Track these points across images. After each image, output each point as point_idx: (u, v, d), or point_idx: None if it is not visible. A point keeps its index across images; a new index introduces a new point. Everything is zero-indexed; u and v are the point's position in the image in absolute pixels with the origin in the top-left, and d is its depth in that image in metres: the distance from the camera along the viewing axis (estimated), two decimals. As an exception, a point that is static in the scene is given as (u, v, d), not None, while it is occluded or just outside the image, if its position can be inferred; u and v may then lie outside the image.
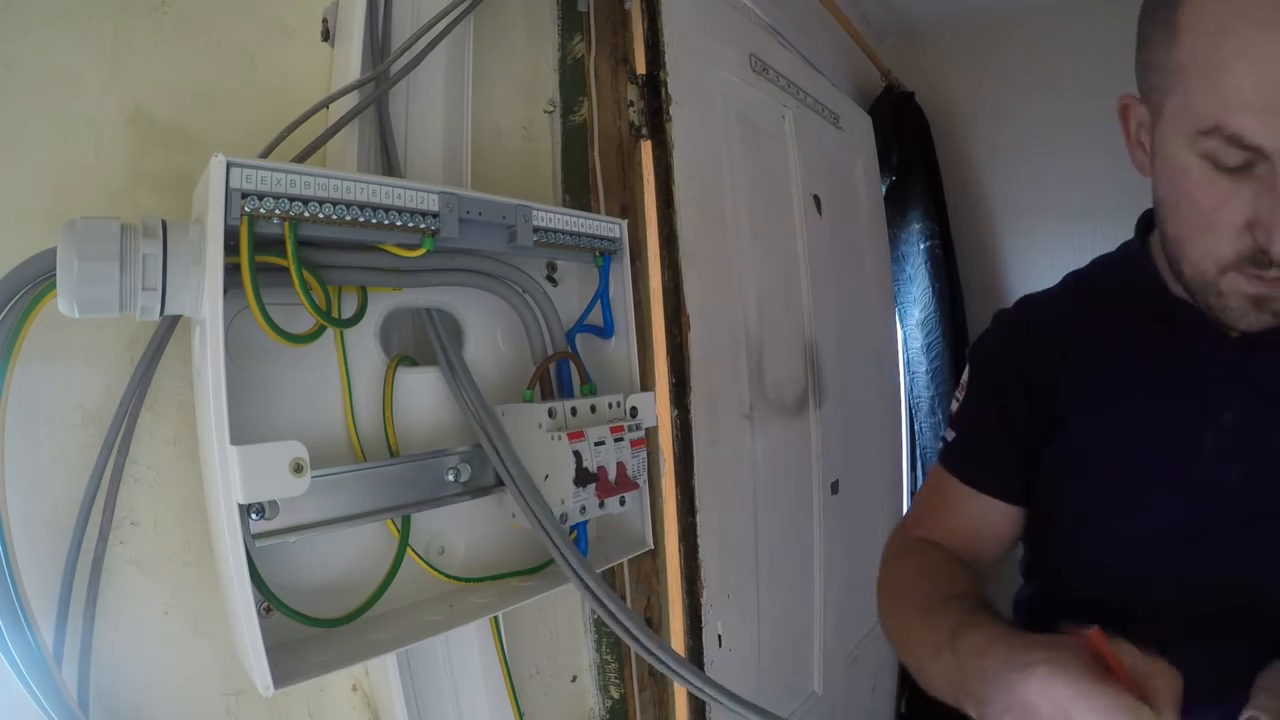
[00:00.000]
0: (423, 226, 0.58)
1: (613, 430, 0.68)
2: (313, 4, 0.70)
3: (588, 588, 0.61)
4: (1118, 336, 0.61)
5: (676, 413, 0.86)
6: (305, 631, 0.56)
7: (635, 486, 0.70)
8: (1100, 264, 0.69)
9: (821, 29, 1.69)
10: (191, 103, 0.61)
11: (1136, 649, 0.39)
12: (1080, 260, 0.70)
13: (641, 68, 0.90)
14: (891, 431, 1.62)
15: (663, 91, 0.88)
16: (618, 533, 0.82)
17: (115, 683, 0.53)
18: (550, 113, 0.96)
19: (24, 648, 0.46)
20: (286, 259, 0.51)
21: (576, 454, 0.64)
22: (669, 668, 0.59)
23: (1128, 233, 0.65)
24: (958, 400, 0.71)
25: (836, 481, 1.27)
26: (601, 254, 0.78)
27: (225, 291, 0.47)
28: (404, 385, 0.66)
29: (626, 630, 0.60)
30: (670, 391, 0.86)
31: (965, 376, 0.71)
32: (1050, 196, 1.96)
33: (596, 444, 0.66)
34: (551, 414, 0.66)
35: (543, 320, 0.73)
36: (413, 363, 0.67)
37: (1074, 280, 0.70)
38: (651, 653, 0.59)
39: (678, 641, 0.88)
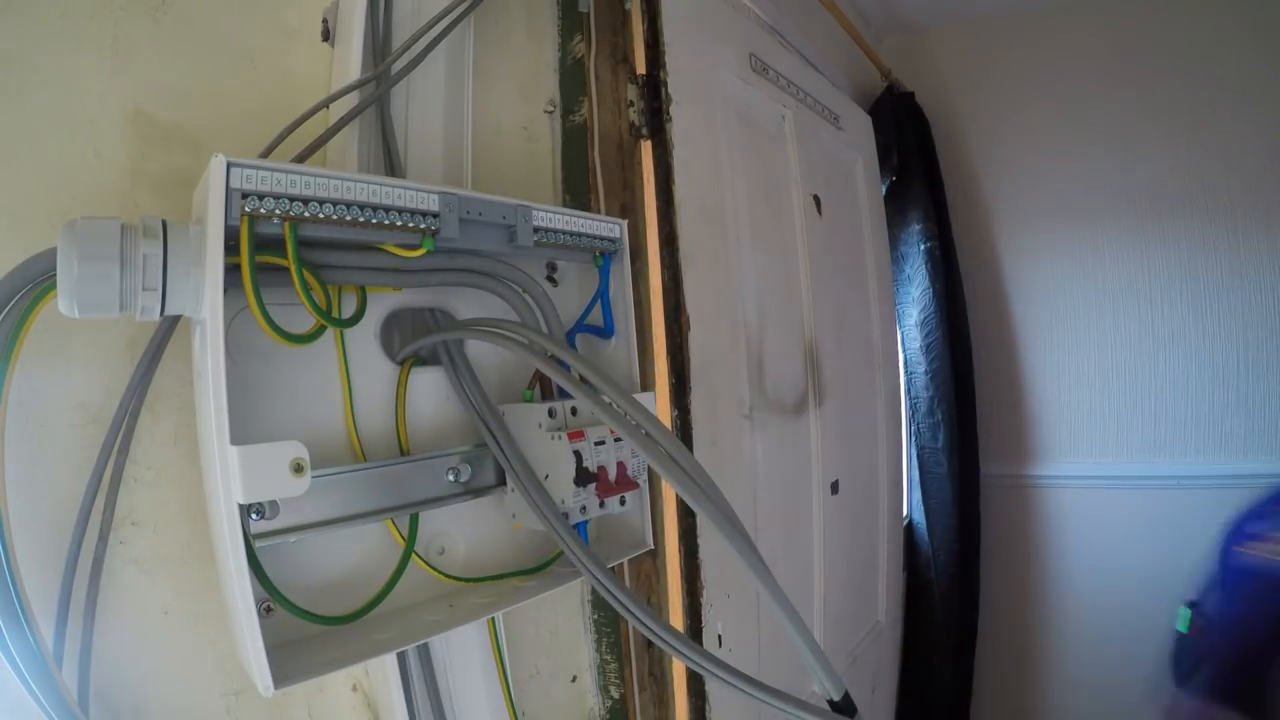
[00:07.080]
0: (423, 226, 0.58)
1: (612, 430, 0.68)
2: (313, 4, 0.70)
3: (594, 575, 0.60)
4: None
5: (676, 413, 0.86)
6: (305, 631, 0.56)
7: (635, 485, 0.70)
8: None
9: (821, 29, 1.69)
10: (191, 103, 0.61)
11: None
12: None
13: (641, 68, 0.90)
14: (891, 431, 1.62)
15: (663, 91, 0.88)
16: (618, 533, 0.82)
17: (115, 683, 0.53)
18: (550, 113, 0.96)
19: (24, 648, 0.46)
20: (286, 259, 0.51)
21: (577, 453, 0.64)
22: (688, 656, 0.56)
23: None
24: None
25: (836, 481, 1.27)
26: (601, 254, 0.78)
27: (225, 291, 0.47)
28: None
29: (640, 620, 0.56)
30: (670, 391, 0.86)
31: None
32: (1050, 197, 1.95)
33: (596, 443, 0.66)
34: (551, 414, 0.66)
35: (542, 320, 0.73)
36: (423, 363, 0.68)
37: None
38: (661, 637, 0.55)
39: (678, 641, 0.87)
